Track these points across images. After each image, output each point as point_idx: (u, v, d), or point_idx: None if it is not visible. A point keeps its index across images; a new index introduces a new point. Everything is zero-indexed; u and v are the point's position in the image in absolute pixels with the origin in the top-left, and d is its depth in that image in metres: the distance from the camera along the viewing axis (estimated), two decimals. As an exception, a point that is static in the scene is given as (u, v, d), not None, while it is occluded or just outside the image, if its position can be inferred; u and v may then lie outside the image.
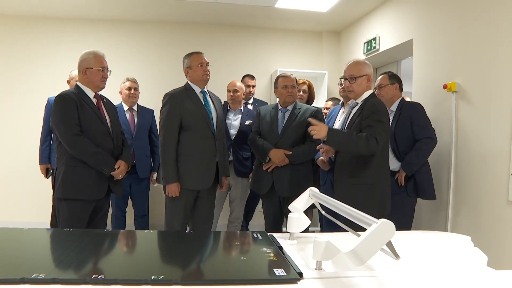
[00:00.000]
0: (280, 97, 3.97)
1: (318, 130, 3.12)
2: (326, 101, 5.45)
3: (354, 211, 1.78)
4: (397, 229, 1.55)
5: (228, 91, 4.70)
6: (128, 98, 4.74)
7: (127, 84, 4.75)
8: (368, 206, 2.91)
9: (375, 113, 3.11)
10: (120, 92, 4.80)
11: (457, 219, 3.80)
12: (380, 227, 1.51)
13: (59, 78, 5.50)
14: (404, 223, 3.69)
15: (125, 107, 4.77)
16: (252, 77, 5.36)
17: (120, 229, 4.78)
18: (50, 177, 4.70)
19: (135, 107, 4.82)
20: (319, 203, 2.30)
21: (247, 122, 4.68)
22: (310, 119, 3.27)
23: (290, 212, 2.16)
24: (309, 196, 2.35)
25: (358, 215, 1.72)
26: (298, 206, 2.32)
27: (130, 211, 4.94)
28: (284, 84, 3.91)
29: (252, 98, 5.30)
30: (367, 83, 3.28)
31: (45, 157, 4.66)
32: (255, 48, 6.54)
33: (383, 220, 1.53)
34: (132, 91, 4.74)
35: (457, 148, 3.83)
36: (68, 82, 4.63)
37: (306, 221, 2.25)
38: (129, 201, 4.92)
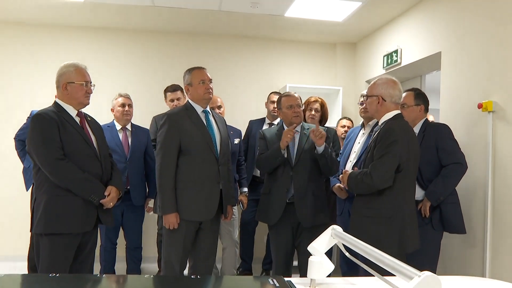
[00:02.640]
0: (286, 118, 3.92)
1: (343, 180, 3.40)
2: (340, 119, 5.42)
3: (389, 259, 1.67)
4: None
5: (212, 108, 4.57)
6: (122, 116, 4.64)
7: (120, 100, 4.66)
8: (384, 242, 2.94)
9: (381, 142, 3.11)
10: (112, 110, 4.71)
11: (497, 260, 3.66)
12: (424, 282, 1.42)
13: (39, 91, 5.48)
14: (429, 259, 3.63)
15: (118, 126, 4.68)
16: (278, 93, 5.21)
17: (111, 265, 4.67)
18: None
19: (128, 126, 4.74)
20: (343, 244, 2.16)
21: (236, 141, 4.70)
22: (341, 177, 3.46)
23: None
24: (331, 235, 2.20)
25: (395, 265, 1.62)
26: (319, 247, 2.17)
27: (121, 243, 4.82)
28: (289, 103, 3.86)
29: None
30: (377, 105, 3.25)
31: None
32: (262, 61, 6.49)
33: (427, 273, 1.44)
34: (126, 108, 4.65)
35: (495, 176, 3.71)
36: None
37: (329, 266, 2.11)
38: (121, 231, 4.80)
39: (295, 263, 4.04)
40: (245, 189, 4.86)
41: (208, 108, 3.71)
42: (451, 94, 4.32)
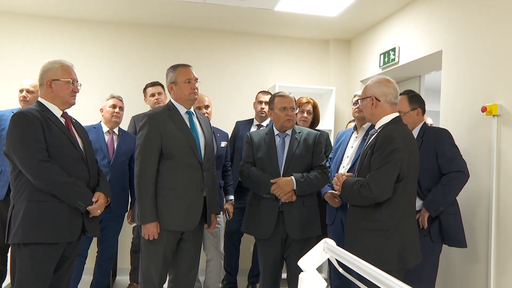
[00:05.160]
0: (277, 120, 3.89)
1: (336, 184, 3.37)
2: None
3: (386, 277, 1.61)
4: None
5: (198, 108, 4.53)
6: (111, 118, 4.66)
7: (111, 101, 4.69)
8: (383, 256, 2.98)
9: (380, 150, 3.08)
10: (101, 110, 4.74)
11: (502, 277, 3.63)
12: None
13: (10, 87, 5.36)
14: (426, 274, 3.60)
15: (105, 129, 4.69)
16: (266, 93, 5.25)
17: (79, 277, 4.58)
18: None
19: (116, 130, 4.75)
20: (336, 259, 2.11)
21: (223, 144, 4.66)
22: (334, 181, 3.40)
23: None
24: (324, 249, 2.15)
25: (392, 283, 1.55)
26: (310, 263, 2.12)
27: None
28: (282, 105, 3.83)
29: (269, 119, 5.03)
30: (372, 107, 3.23)
31: None
32: (250, 59, 6.47)
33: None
34: (117, 109, 4.68)
35: (499, 186, 3.69)
36: (21, 91, 4.55)
37: (322, 283, 2.05)
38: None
39: (284, 275, 3.99)
40: (231, 197, 4.81)
41: (192, 109, 3.67)
42: (453, 96, 4.30)
